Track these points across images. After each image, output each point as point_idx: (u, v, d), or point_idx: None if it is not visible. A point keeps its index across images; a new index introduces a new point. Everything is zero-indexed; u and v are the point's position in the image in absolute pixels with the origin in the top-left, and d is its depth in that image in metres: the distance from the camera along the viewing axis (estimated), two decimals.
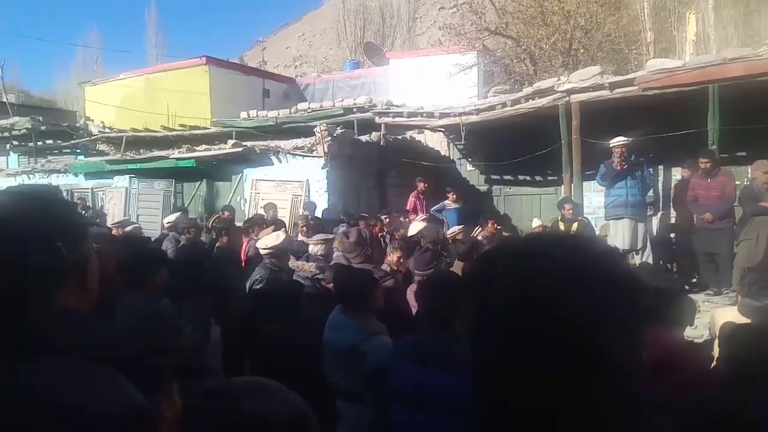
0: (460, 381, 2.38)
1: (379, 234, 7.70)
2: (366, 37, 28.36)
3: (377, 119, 11.32)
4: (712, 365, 3.15)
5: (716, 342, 3.20)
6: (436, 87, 15.18)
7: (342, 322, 3.05)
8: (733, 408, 2.21)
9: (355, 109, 12.10)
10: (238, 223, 8.21)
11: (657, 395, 2.10)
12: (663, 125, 8.55)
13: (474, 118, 10.30)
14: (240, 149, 10.83)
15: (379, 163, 11.25)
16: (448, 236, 7.63)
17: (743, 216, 7.19)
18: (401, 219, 8.92)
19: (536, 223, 10.00)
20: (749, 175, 7.66)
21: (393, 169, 11.44)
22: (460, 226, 8.01)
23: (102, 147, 16.22)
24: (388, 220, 9.19)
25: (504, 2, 18.22)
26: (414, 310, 3.82)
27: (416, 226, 7.84)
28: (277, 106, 15.57)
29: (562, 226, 8.30)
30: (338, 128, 10.59)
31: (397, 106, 11.61)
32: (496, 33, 17.25)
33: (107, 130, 16.68)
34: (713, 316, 4.14)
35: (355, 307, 3.06)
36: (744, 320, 3.18)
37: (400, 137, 12.51)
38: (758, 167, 7.21)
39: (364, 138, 11.25)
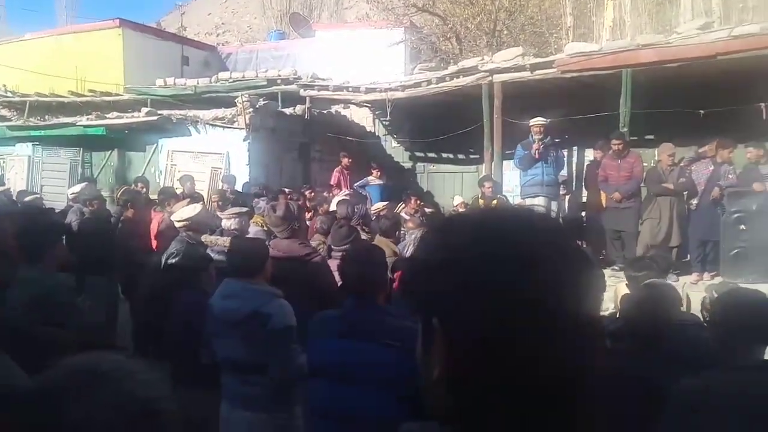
0: (386, 352, 2.38)
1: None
2: (292, 7, 27.60)
3: (302, 92, 11.09)
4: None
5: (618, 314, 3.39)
6: (363, 62, 15.03)
7: (240, 289, 3.02)
8: (630, 371, 2.33)
9: (279, 81, 11.77)
10: (153, 196, 7.86)
11: None
12: (578, 107, 8.87)
13: (400, 94, 10.29)
14: (154, 118, 10.32)
15: (303, 137, 11.06)
16: (372, 212, 7.63)
17: (648, 196, 7.61)
18: (325, 194, 8.83)
19: (458, 200, 10.18)
20: (655, 158, 8.09)
21: (317, 143, 11.28)
22: (384, 203, 8.02)
23: (3, 112, 15.01)
24: (311, 194, 9.08)
25: None
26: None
27: (341, 200, 7.79)
28: (197, 75, 14.92)
29: (482, 204, 8.49)
30: (261, 99, 10.29)
31: (323, 79, 11.41)
32: (423, 10, 17.25)
33: (9, 94, 15.44)
34: (615, 290, 4.36)
35: (252, 274, 3.05)
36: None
37: (325, 111, 12.34)
38: (663, 150, 7.63)
39: (288, 111, 11.00)
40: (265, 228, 5.72)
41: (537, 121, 7.85)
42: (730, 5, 15.17)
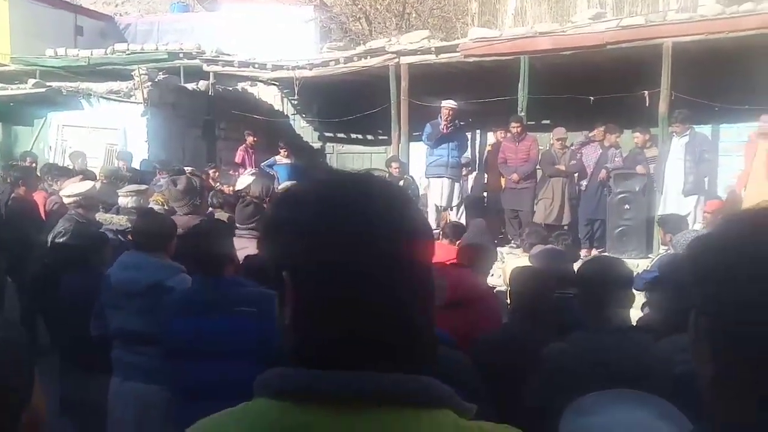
0: (244, 320, 2.43)
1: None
2: None
3: (205, 67, 10.71)
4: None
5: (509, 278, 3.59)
6: (271, 39, 14.68)
7: (142, 261, 2.96)
8: (513, 339, 2.50)
9: (181, 55, 11.29)
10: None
11: (453, 329, 2.30)
12: (482, 92, 9.18)
13: (308, 73, 10.18)
14: (42, 90, 9.62)
15: (207, 114, 10.70)
16: (280, 191, 7.57)
17: (542, 177, 8.04)
18: (230, 173, 8.64)
19: None
20: (550, 141, 8.54)
21: (222, 120, 10.95)
22: (293, 183, 7.97)
23: None
24: (215, 173, 8.85)
25: None
26: None
27: (244, 180, 7.62)
28: (92, 46, 13.96)
29: None
30: (161, 73, 9.84)
31: (228, 54, 11.07)
32: None
33: None
34: (504, 266, 4.61)
35: (156, 248, 3.00)
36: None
37: (231, 88, 11.98)
38: (555, 134, 8.08)
39: (190, 86, 10.59)
40: (166, 207, 5.54)
41: (448, 104, 8.02)
42: None
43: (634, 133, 8.26)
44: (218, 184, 8.13)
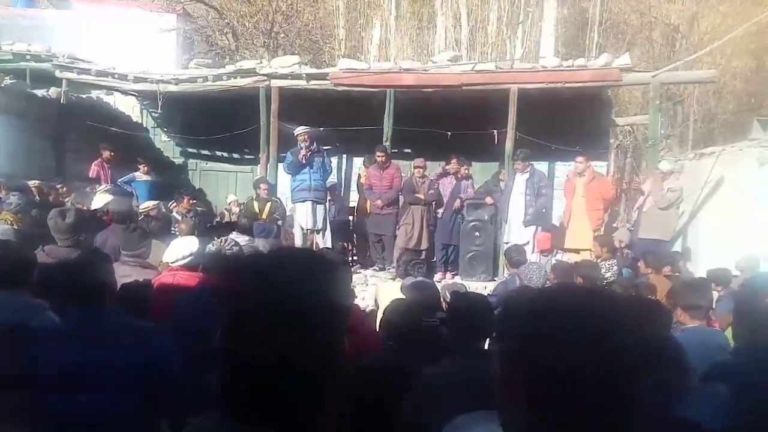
0: (123, 353, 2.45)
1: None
2: None
3: (58, 73, 10.00)
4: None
5: (380, 311, 3.91)
6: (128, 45, 14.00)
7: (3, 300, 2.72)
8: (388, 366, 2.80)
9: (28, 57, 10.41)
10: None
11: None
12: (350, 119, 9.59)
13: (173, 87, 9.94)
14: None
15: (58, 124, 9.96)
16: (140, 211, 7.32)
17: (404, 204, 8.59)
18: (85, 189, 8.16)
19: (231, 198, 10.22)
20: (411, 170, 9.13)
21: (75, 131, 10.24)
22: (154, 202, 7.74)
23: None
24: (63, 189, 8.30)
25: None
26: None
27: (102, 198, 7.30)
28: None
29: (256, 205, 8.69)
30: (7, 78, 9.04)
31: (84, 61, 10.42)
32: (198, 0, 16.74)
33: None
34: (376, 289, 4.96)
35: (14, 284, 2.77)
36: (401, 295, 3.93)
37: (84, 96, 11.26)
38: (416, 164, 8.68)
39: (39, 93, 9.82)
40: (15, 227, 5.17)
41: (301, 130, 8.23)
42: (475, 39, 17.60)
43: (501, 168, 9.15)
44: (69, 201, 7.65)
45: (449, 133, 9.12)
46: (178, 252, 3.66)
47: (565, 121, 9.42)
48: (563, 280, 4.86)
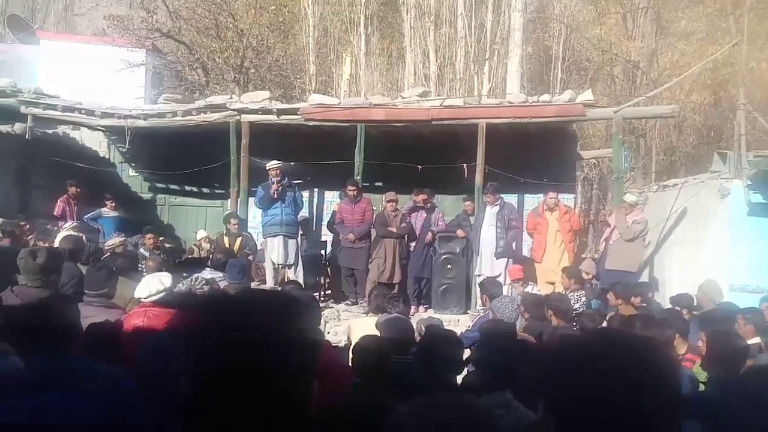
0: (89, 399, 2.38)
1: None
2: (11, 7, 24.21)
3: (23, 108, 9.86)
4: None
5: (352, 347, 3.86)
6: (96, 80, 13.90)
7: None
8: (358, 404, 2.76)
9: None
10: None
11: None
12: (321, 153, 9.62)
13: (142, 123, 9.87)
14: None
15: (23, 160, 9.75)
16: (106, 248, 7.17)
17: (376, 237, 8.58)
18: (48, 227, 7.95)
19: (201, 234, 10.09)
20: (383, 203, 9.16)
21: (39, 167, 10.04)
22: (121, 238, 7.59)
23: None
24: (27, 227, 8.08)
25: (178, 5, 17.85)
26: None
27: (65, 236, 7.12)
28: None
29: (226, 240, 8.60)
30: None
31: (50, 96, 10.30)
32: (168, 36, 16.76)
33: None
34: (349, 325, 4.91)
35: None
36: (375, 331, 3.90)
37: (50, 131, 11.09)
38: (387, 197, 8.71)
39: (4, 128, 9.64)
40: None
41: (273, 165, 8.24)
42: (443, 74, 17.98)
43: (466, 201, 9.20)
44: (33, 239, 7.46)
45: (420, 167, 9.21)
46: (151, 287, 3.58)
47: (533, 154, 9.61)
48: (533, 311, 4.90)
